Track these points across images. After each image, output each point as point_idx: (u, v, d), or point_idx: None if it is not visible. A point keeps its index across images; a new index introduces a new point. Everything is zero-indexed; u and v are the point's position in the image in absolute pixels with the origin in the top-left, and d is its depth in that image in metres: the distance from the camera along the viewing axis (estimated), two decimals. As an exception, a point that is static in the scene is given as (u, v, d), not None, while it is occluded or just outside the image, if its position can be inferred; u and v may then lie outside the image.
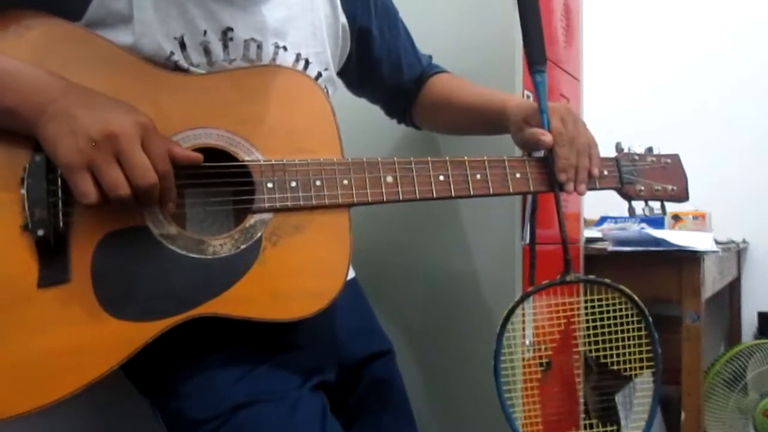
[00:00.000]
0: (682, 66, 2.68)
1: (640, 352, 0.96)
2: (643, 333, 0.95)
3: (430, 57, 1.16)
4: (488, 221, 1.25)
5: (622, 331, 0.96)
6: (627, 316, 0.96)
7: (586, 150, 0.95)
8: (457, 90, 1.11)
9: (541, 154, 0.97)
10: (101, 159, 0.67)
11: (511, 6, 1.26)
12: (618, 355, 0.97)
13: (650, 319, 0.94)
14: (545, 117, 0.94)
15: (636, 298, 0.94)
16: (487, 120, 1.05)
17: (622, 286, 0.95)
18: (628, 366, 0.96)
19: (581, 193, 0.95)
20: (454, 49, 1.30)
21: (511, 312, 0.94)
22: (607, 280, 0.96)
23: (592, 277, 0.97)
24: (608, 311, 0.97)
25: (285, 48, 0.88)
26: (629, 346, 0.96)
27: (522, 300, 0.95)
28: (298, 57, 0.90)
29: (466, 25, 1.28)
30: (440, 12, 1.30)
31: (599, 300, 0.97)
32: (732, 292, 2.57)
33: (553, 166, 0.93)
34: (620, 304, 0.96)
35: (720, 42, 2.64)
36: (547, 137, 0.92)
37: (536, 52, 0.94)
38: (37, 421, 0.90)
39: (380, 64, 1.07)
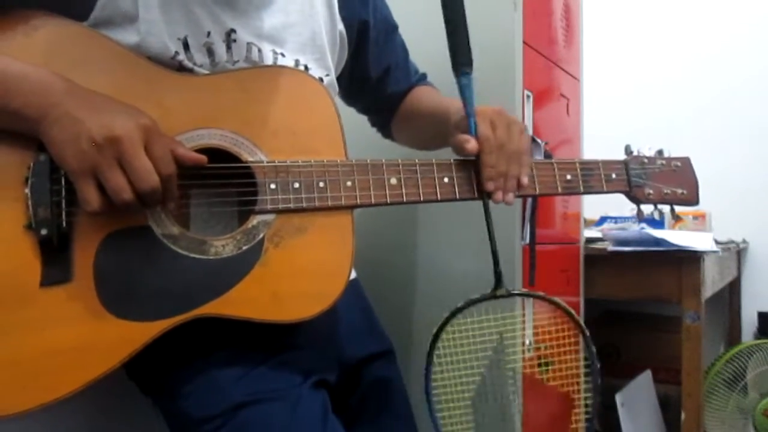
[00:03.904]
0: (682, 66, 2.68)
1: (577, 374, 0.88)
2: (582, 354, 0.86)
3: (425, 75, 1.14)
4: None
5: (558, 346, 0.88)
6: (563, 330, 0.88)
7: (516, 156, 0.88)
8: (423, 99, 1.08)
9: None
10: (104, 164, 0.67)
11: (511, 6, 1.28)
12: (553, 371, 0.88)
13: (588, 333, 0.86)
14: (472, 122, 0.88)
15: (574, 314, 0.86)
16: (438, 128, 0.99)
17: (557, 299, 0.86)
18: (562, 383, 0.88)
19: (509, 203, 0.89)
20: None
21: (440, 330, 0.88)
22: (542, 293, 0.87)
23: (524, 290, 0.88)
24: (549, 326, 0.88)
25: (283, 54, 0.89)
26: (564, 363, 0.88)
27: (452, 316, 0.88)
28: (297, 63, 0.90)
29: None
30: (440, 12, 1.30)
31: (536, 315, 0.88)
32: (732, 292, 2.57)
33: (480, 173, 0.87)
34: (557, 317, 0.87)
35: (720, 42, 2.64)
36: (470, 144, 0.86)
37: (462, 55, 0.90)
38: (38, 420, 0.90)
39: (368, 76, 1.06)
